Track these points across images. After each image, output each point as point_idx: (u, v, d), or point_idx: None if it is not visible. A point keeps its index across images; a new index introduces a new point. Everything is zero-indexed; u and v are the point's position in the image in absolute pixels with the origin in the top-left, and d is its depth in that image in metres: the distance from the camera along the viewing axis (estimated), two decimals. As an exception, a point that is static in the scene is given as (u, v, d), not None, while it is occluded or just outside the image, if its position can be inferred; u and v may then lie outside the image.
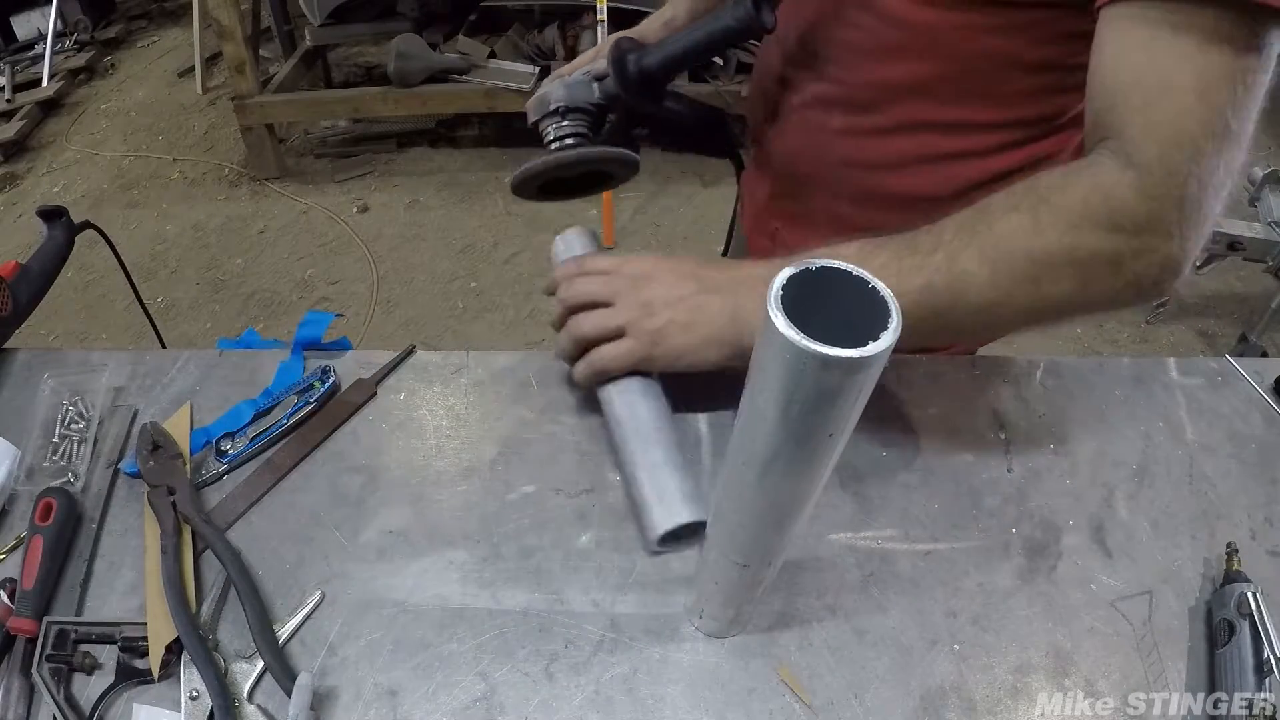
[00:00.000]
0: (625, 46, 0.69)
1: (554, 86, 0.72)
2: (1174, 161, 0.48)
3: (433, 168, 2.78)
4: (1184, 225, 0.50)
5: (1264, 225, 2.00)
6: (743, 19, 0.63)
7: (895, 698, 0.49)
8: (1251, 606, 0.49)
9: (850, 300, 0.32)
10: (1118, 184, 0.50)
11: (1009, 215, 0.52)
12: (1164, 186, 0.49)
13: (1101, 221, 0.50)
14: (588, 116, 0.72)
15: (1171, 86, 0.48)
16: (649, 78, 0.68)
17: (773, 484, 0.37)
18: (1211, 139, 0.48)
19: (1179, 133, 0.48)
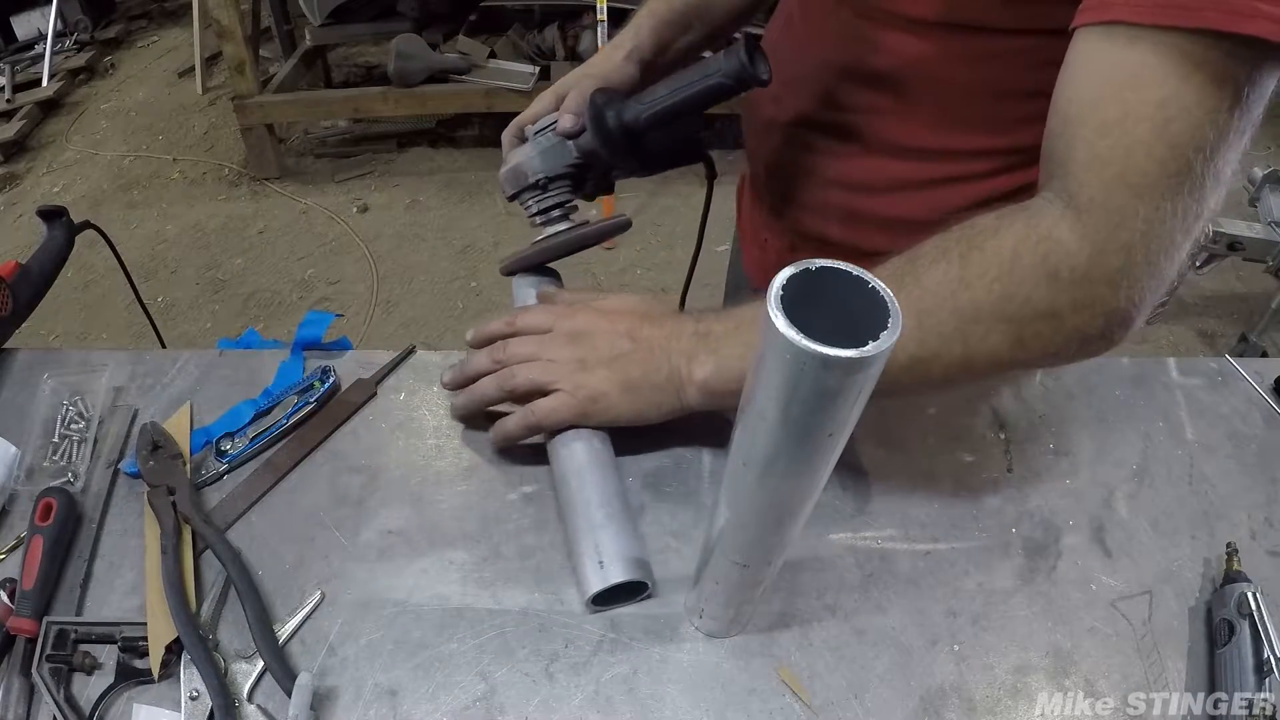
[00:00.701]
0: (600, 101, 0.65)
1: (528, 156, 0.68)
2: (1119, 202, 0.43)
3: (433, 168, 2.78)
4: (1131, 274, 0.45)
5: (1264, 225, 2.00)
6: (734, 74, 0.59)
7: (895, 698, 0.49)
8: (1251, 606, 0.49)
9: (850, 300, 0.32)
10: (1055, 227, 0.45)
11: (936, 265, 0.48)
12: (1107, 230, 0.44)
13: (1035, 270, 0.46)
14: (568, 181, 0.69)
15: (1126, 117, 0.42)
16: (633, 134, 0.65)
17: (773, 484, 0.37)
18: (1166, 180, 0.42)
19: (1129, 170, 0.43)
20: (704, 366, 0.54)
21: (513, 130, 0.74)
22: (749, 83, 0.60)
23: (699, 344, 0.55)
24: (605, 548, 0.51)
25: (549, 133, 0.68)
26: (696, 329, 0.55)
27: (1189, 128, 0.41)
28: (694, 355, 0.54)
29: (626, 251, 2.41)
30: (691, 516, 0.58)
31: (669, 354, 0.55)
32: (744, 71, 0.59)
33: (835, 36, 0.64)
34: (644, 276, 2.35)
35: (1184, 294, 2.17)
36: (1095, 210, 0.44)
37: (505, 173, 0.70)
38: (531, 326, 0.59)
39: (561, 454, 0.56)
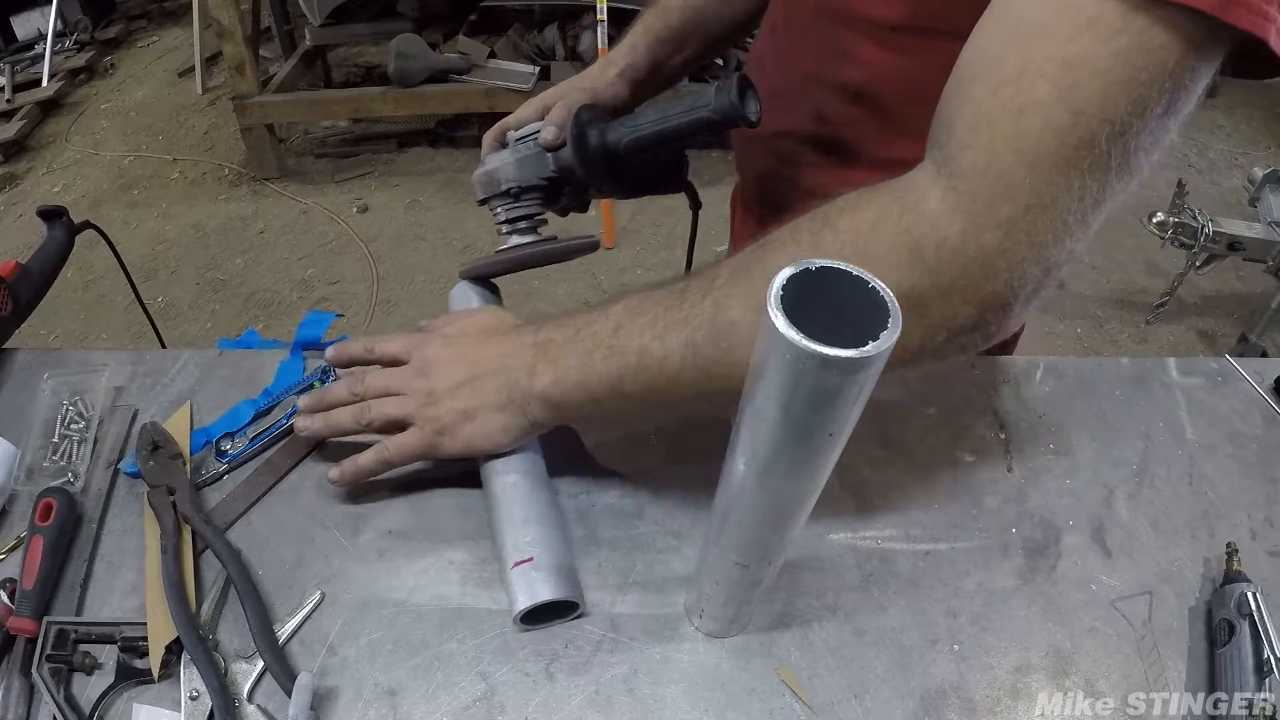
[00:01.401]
0: (585, 119, 0.64)
1: (504, 163, 0.67)
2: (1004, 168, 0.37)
3: (433, 168, 2.78)
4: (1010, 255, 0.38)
5: (1264, 225, 2.00)
6: (723, 110, 0.58)
7: (895, 698, 0.49)
8: (1251, 606, 0.49)
9: (850, 300, 0.32)
10: (924, 197, 0.39)
11: (784, 249, 0.43)
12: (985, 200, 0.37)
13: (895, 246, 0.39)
14: (541, 193, 0.68)
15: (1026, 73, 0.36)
16: (613, 156, 0.63)
17: (773, 484, 0.37)
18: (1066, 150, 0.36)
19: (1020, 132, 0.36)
20: (542, 378, 0.51)
21: (495, 133, 0.73)
22: (736, 121, 0.59)
23: (537, 355, 0.52)
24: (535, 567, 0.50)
25: (530, 142, 0.67)
26: (536, 339, 0.53)
27: (1098, 94, 0.35)
28: (533, 367, 0.52)
29: (627, 251, 2.41)
30: (691, 516, 0.58)
31: (510, 371, 0.53)
32: (733, 110, 0.58)
33: (816, 48, 0.64)
34: (644, 276, 2.35)
35: (1184, 294, 2.17)
36: (974, 177, 0.38)
37: (479, 175, 0.69)
38: (389, 356, 0.58)
39: (486, 475, 0.56)
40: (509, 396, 0.53)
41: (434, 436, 0.54)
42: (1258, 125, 3.09)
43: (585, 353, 0.50)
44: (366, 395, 0.56)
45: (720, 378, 0.45)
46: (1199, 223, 1.95)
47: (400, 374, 0.56)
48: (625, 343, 0.48)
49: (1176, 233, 1.97)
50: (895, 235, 0.40)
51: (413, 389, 0.55)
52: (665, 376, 0.47)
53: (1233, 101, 3.21)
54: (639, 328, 0.48)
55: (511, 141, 0.70)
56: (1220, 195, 2.67)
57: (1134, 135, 0.36)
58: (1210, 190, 2.70)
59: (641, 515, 0.58)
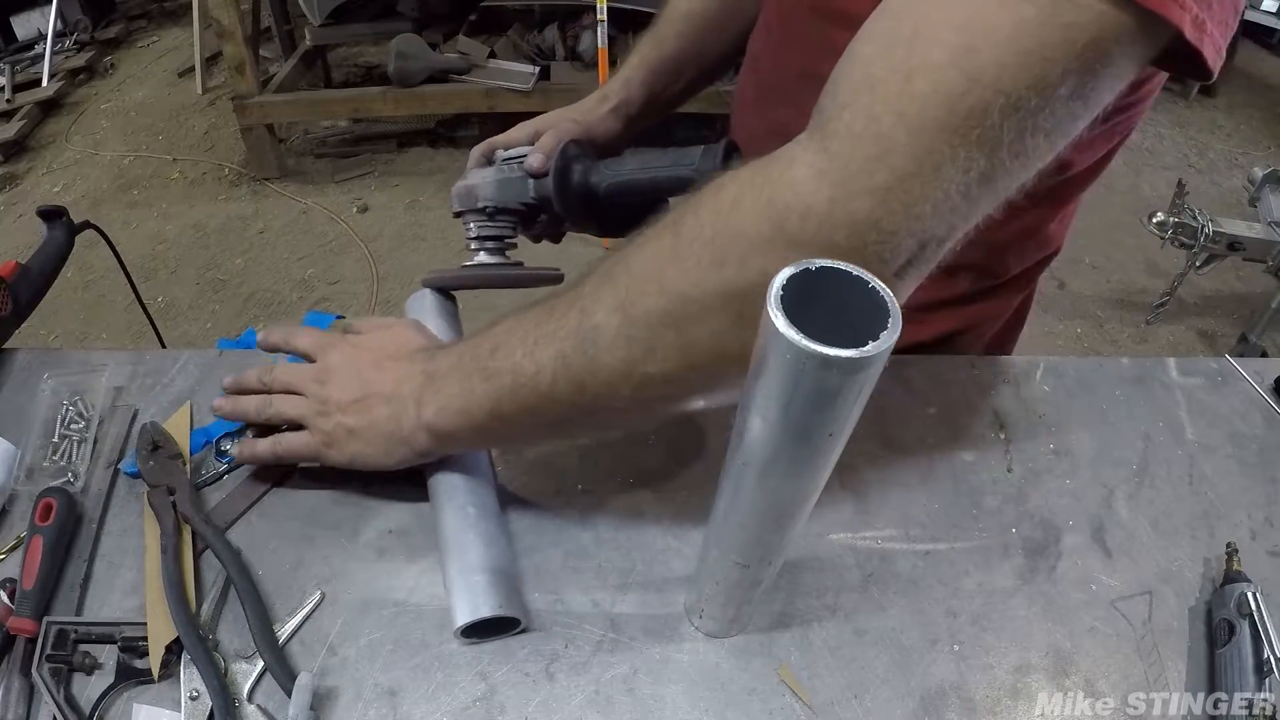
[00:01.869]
0: (570, 154, 0.64)
1: (485, 180, 0.68)
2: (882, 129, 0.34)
3: (433, 168, 2.78)
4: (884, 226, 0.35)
5: (1264, 225, 2.00)
6: (705, 174, 0.58)
7: (895, 698, 0.49)
8: (1251, 606, 0.49)
9: (850, 300, 0.32)
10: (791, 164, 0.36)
11: (648, 244, 0.41)
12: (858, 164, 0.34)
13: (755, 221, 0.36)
14: (515, 217, 0.68)
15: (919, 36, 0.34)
16: (591, 197, 0.64)
17: (773, 484, 0.37)
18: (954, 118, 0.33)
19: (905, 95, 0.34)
20: (428, 408, 0.50)
21: (483, 149, 0.73)
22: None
23: (425, 384, 0.51)
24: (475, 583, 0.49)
25: (515, 164, 0.68)
26: (425, 368, 0.52)
27: (994, 62, 0.33)
28: (420, 397, 0.51)
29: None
30: (691, 516, 0.58)
31: (399, 399, 0.52)
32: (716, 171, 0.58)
33: (809, 46, 0.64)
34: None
35: (1184, 294, 2.17)
36: (848, 139, 0.35)
37: (459, 188, 0.70)
38: (299, 350, 0.58)
39: (431, 484, 0.56)
40: (397, 424, 0.52)
41: (321, 446, 0.54)
42: (1258, 125, 3.09)
43: (465, 378, 0.49)
44: (272, 387, 0.57)
45: (591, 389, 0.43)
46: (1199, 223, 1.95)
47: (303, 374, 0.56)
48: (500, 363, 0.47)
49: (1176, 233, 1.98)
50: (757, 208, 0.37)
51: (311, 392, 0.55)
52: (539, 394, 0.45)
53: (1233, 101, 3.22)
54: (512, 346, 0.47)
55: (498, 160, 0.71)
56: (1220, 195, 2.67)
57: (1031, 114, 0.34)
58: (1210, 190, 2.71)
59: (641, 515, 0.58)
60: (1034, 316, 0.81)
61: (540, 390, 0.45)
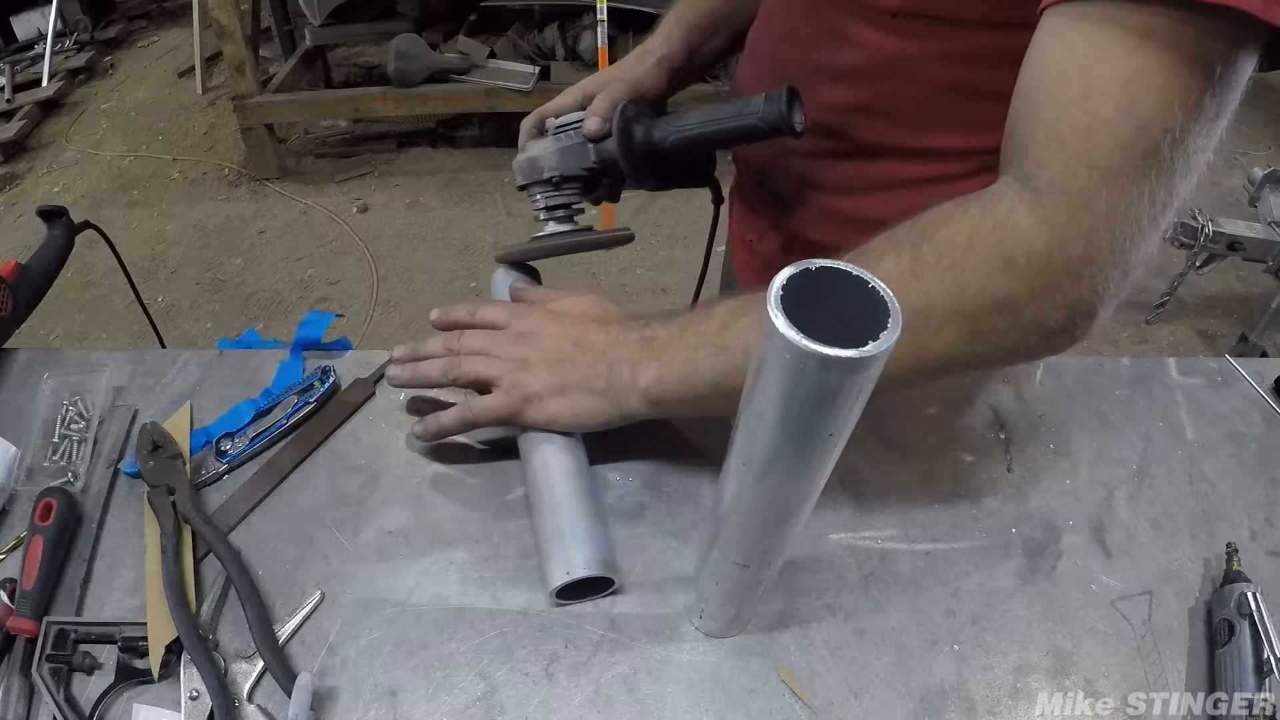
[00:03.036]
0: (630, 114, 0.65)
1: (546, 151, 0.68)
2: (1081, 184, 0.40)
3: (433, 168, 2.78)
4: (1094, 263, 0.42)
5: (1264, 225, 2.00)
6: (772, 119, 0.59)
7: (895, 698, 0.49)
8: (1251, 606, 0.49)
9: (850, 300, 0.32)
10: (1012, 211, 0.43)
11: (885, 257, 0.46)
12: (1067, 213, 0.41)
13: (990, 258, 0.43)
14: (581, 184, 0.69)
15: (1090, 94, 0.39)
16: (657, 154, 0.64)
17: (773, 484, 0.37)
18: (1132, 162, 0.40)
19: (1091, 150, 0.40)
20: (647, 373, 0.52)
21: (534, 120, 0.74)
22: (783, 130, 0.60)
23: (643, 350, 0.53)
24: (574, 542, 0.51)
25: (572, 131, 0.68)
26: (642, 334, 0.54)
27: (1157, 107, 0.39)
28: (638, 361, 0.53)
29: (627, 252, 2.41)
30: (691, 516, 0.58)
31: (612, 360, 0.54)
32: (781, 120, 0.59)
33: (814, 34, 0.64)
34: (644, 277, 2.35)
35: (1184, 294, 2.17)
36: (1055, 193, 0.41)
37: (521, 161, 0.70)
38: (489, 321, 0.59)
39: (532, 453, 0.56)
40: (607, 384, 0.54)
41: (520, 402, 0.55)
42: (1258, 125, 3.09)
43: (690, 349, 0.51)
44: (460, 352, 0.58)
45: None
46: (1199, 223, 1.95)
47: (497, 337, 0.57)
48: (731, 340, 0.49)
49: (1176, 233, 1.97)
50: (989, 247, 0.43)
51: (507, 353, 0.56)
52: None
53: (1233, 101, 3.21)
54: (744, 326, 0.49)
55: (551, 129, 0.71)
56: (1220, 195, 2.67)
57: (1192, 139, 0.40)
58: (1210, 190, 2.70)
59: (641, 515, 0.58)
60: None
61: None
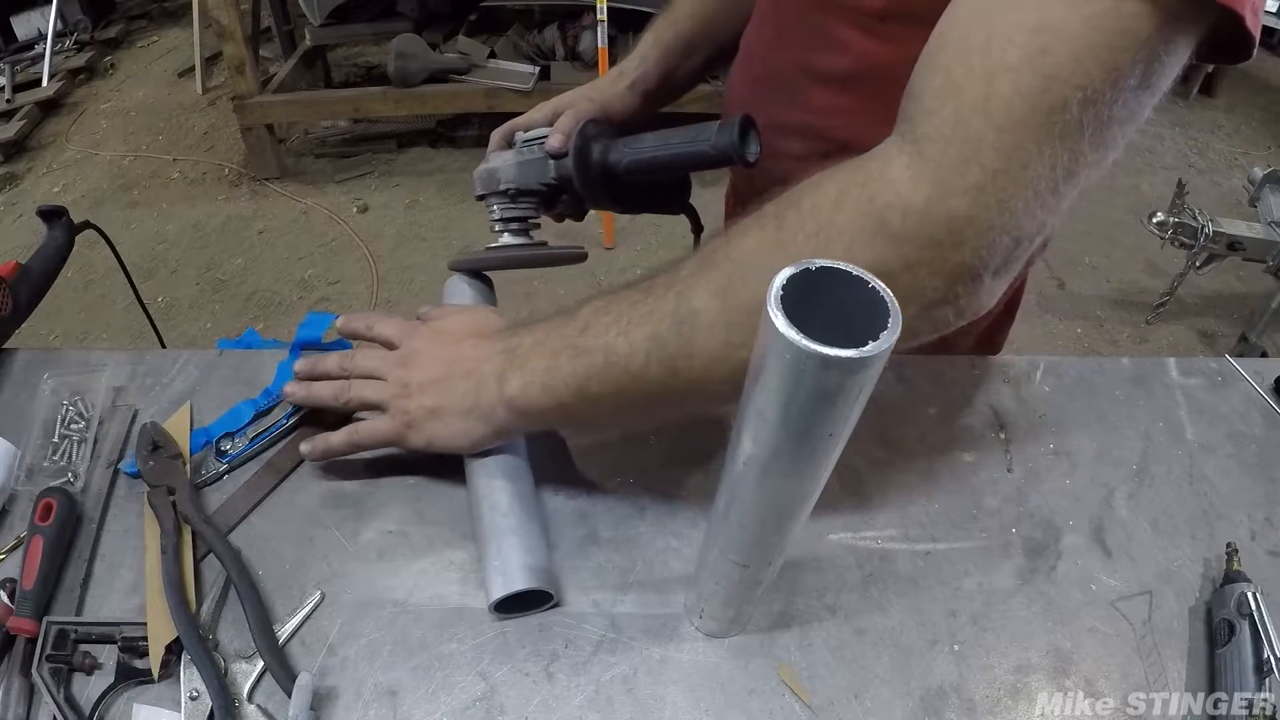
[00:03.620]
0: (590, 134, 0.65)
1: (506, 163, 0.68)
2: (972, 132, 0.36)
3: (433, 168, 2.78)
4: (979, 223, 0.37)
5: (1264, 225, 2.00)
6: (723, 149, 0.59)
7: (895, 698, 0.49)
8: (1251, 606, 0.49)
9: (850, 300, 0.32)
10: (888, 164, 0.39)
11: (749, 233, 0.43)
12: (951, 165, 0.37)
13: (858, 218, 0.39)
14: (538, 198, 0.69)
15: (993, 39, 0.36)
16: (611, 175, 0.65)
17: (773, 484, 0.37)
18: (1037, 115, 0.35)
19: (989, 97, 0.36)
20: (510, 384, 0.51)
21: (503, 132, 0.74)
22: (734, 160, 0.59)
23: (507, 361, 0.52)
24: (508, 557, 0.50)
25: (535, 146, 0.68)
26: (507, 344, 0.53)
27: (1069, 59, 0.35)
28: (502, 373, 0.51)
29: (626, 252, 2.41)
30: (691, 516, 0.58)
31: (479, 377, 0.53)
32: (732, 149, 0.59)
33: (804, 38, 0.64)
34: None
35: (1184, 294, 2.17)
36: (940, 142, 0.37)
37: (480, 171, 0.71)
38: (383, 338, 0.59)
39: (470, 465, 0.56)
40: (475, 401, 0.52)
41: (402, 428, 0.55)
42: (1258, 125, 3.09)
43: (552, 355, 0.49)
44: (353, 373, 0.58)
45: (684, 372, 0.44)
46: (1199, 223, 1.95)
47: (386, 359, 0.57)
48: (591, 342, 0.48)
49: (1176, 233, 1.98)
50: (859, 205, 0.39)
51: (393, 377, 0.56)
52: (630, 374, 0.46)
53: (1233, 101, 3.22)
54: (604, 325, 0.47)
55: (518, 143, 0.71)
56: (1220, 195, 2.67)
57: (1107, 105, 0.36)
58: (1210, 190, 2.70)
59: (641, 515, 0.58)
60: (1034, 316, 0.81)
61: (632, 370, 0.46)
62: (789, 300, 0.30)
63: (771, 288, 0.30)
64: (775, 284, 0.30)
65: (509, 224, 0.70)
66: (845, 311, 0.31)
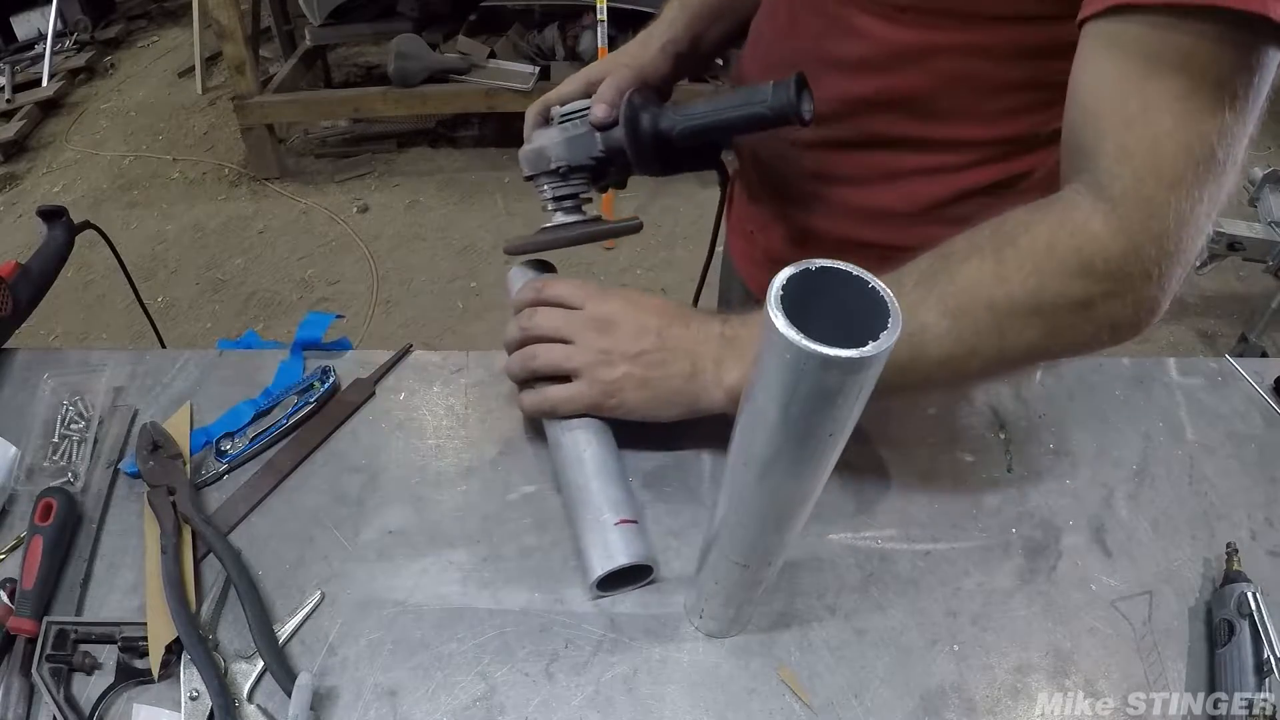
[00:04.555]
0: (637, 103, 0.64)
1: (553, 141, 0.67)
2: (1150, 192, 0.44)
3: (433, 168, 2.78)
4: (1162, 263, 0.46)
5: (1264, 225, 2.00)
6: (779, 108, 0.58)
7: (895, 698, 0.49)
8: (1251, 606, 0.49)
9: (850, 300, 0.32)
10: (1088, 220, 0.46)
11: (970, 261, 0.49)
12: (1139, 221, 0.45)
13: (1069, 263, 0.47)
14: (588, 173, 0.68)
15: (1149, 108, 0.43)
16: (664, 142, 0.64)
17: (773, 484, 0.37)
18: (1193, 167, 0.43)
19: (1157, 160, 0.44)
20: (732, 372, 0.54)
21: (538, 109, 0.73)
22: (791, 119, 0.59)
23: (726, 348, 0.54)
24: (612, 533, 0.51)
25: (578, 120, 0.67)
26: (723, 332, 0.55)
27: (1209, 115, 0.42)
28: (721, 360, 0.54)
29: (627, 251, 2.41)
30: (691, 516, 0.58)
31: (695, 357, 0.55)
32: (789, 108, 0.58)
33: (818, 25, 0.64)
34: (644, 276, 2.35)
35: (1184, 294, 2.15)
36: (1128, 202, 0.45)
37: (528, 152, 0.69)
38: (560, 298, 0.59)
39: (564, 440, 0.56)
40: (692, 381, 0.54)
41: (602, 396, 0.55)
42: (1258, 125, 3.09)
43: None
44: (533, 332, 0.58)
45: (909, 374, 0.49)
46: (1199, 223, 1.95)
47: (573, 320, 0.57)
48: None
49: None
50: (1069, 252, 0.46)
51: (586, 343, 0.56)
52: None
53: (1233, 101, 3.21)
54: None
55: (557, 118, 0.70)
56: (1220, 195, 2.66)
57: (1239, 137, 0.43)
58: (1210, 190, 2.70)
59: (642, 515, 0.58)
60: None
61: None
62: (789, 300, 0.30)
63: (772, 288, 0.30)
64: (775, 284, 0.30)
65: (561, 202, 0.69)
66: (845, 312, 0.31)
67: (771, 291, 0.30)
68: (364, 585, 0.54)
